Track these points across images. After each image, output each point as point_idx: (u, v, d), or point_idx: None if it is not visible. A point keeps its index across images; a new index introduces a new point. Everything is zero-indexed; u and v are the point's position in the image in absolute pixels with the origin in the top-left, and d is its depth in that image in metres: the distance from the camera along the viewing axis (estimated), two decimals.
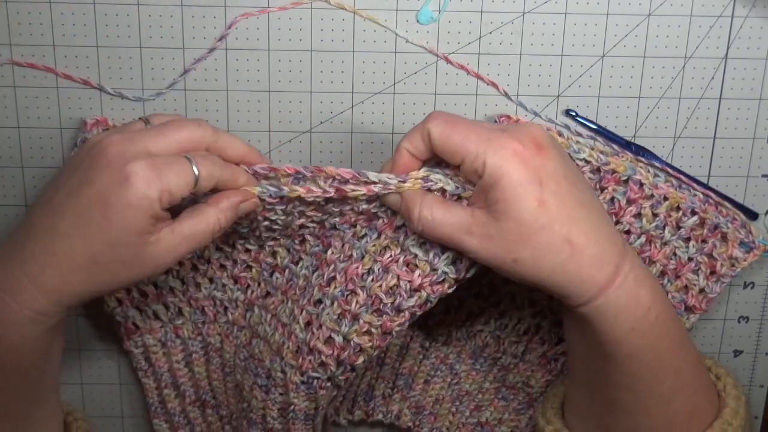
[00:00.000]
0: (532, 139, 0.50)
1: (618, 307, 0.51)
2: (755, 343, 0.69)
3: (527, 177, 0.49)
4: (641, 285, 0.52)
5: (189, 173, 0.50)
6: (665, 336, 0.53)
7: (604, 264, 0.51)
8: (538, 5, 0.60)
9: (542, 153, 0.50)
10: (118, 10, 0.59)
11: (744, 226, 0.62)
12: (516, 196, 0.49)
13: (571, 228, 0.50)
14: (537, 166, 0.50)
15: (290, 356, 0.58)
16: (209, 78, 0.61)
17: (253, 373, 0.61)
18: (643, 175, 0.61)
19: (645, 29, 0.61)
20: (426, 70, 0.62)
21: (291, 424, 0.60)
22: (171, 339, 0.64)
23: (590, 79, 0.62)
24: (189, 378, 0.66)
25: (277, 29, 0.60)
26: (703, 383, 0.57)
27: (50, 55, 0.60)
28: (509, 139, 0.50)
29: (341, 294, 0.56)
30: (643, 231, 0.61)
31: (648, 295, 0.52)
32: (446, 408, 0.69)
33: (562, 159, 0.52)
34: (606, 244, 0.51)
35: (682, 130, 0.63)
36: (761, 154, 0.64)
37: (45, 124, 0.62)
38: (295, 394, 0.58)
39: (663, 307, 0.53)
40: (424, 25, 0.61)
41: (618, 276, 0.51)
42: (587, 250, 0.51)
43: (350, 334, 0.56)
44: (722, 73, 0.62)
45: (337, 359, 0.57)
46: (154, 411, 0.67)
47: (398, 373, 0.68)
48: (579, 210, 0.51)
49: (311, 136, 0.63)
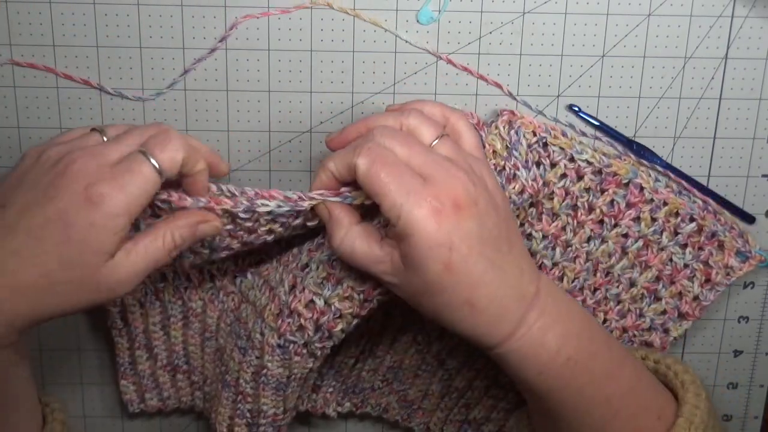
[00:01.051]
0: (453, 198, 0.49)
1: (520, 355, 0.52)
2: (755, 343, 0.69)
3: (437, 240, 0.49)
4: (549, 331, 0.52)
5: (149, 171, 0.49)
6: (583, 374, 0.53)
7: (503, 322, 0.52)
8: (538, 5, 0.60)
9: (459, 213, 0.49)
10: (118, 10, 0.59)
11: (741, 235, 0.62)
12: (424, 257, 0.49)
13: (472, 292, 0.50)
14: (450, 228, 0.49)
15: (271, 318, 0.58)
16: (209, 78, 0.61)
17: (236, 335, 0.61)
18: (644, 179, 0.61)
19: (645, 29, 0.61)
20: (426, 71, 0.62)
21: (261, 389, 0.60)
22: (150, 300, 0.64)
23: (590, 79, 0.62)
24: (163, 341, 0.65)
25: (277, 29, 0.60)
26: (646, 402, 0.56)
27: (50, 55, 0.60)
28: (428, 196, 0.49)
29: (327, 258, 0.57)
30: (640, 235, 0.62)
31: (556, 340, 0.52)
32: (435, 403, 0.70)
33: (481, 218, 0.50)
34: (510, 302, 0.51)
35: (682, 130, 0.63)
36: (761, 154, 0.64)
37: (45, 124, 0.62)
38: (270, 357, 0.59)
39: (578, 346, 0.53)
40: (424, 25, 0.61)
41: (519, 329, 0.52)
42: (487, 312, 0.51)
43: (332, 298, 0.56)
44: (722, 73, 0.62)
45: (316, 323, 0.57)
46: (123, 372, 0.66)
47: (388, 366, 0.68)
48: (487, 272, 0.50)
49: (311, 136, 0.63)
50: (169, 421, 0.71)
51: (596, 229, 0.62)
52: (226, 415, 0.63)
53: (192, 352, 0.66)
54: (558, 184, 0.61)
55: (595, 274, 0.63)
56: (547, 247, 0.62)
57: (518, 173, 0.58)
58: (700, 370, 0.70)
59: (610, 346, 0.56)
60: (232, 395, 0.62)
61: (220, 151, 0.63)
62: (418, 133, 0.53)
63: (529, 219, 0.62)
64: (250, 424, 0.62)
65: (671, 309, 0.63)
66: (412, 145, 0.51)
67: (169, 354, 0.66)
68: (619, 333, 0.64)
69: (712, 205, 0.63)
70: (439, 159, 0.51)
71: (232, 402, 0.62)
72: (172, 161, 0.50)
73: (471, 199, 0.50)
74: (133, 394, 0.67)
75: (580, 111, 0.63)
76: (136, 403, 0.67)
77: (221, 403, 0.63)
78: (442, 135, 0.53)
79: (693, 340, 0.69)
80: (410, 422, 0.71)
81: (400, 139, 0.52)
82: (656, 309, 0.63)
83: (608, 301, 0.64)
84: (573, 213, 0.62)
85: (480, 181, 0.52)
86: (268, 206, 0.54)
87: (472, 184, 0.51)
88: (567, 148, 0.61)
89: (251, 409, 0.62)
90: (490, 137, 0.59)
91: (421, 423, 0.71)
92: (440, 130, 0.54)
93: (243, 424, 0.62)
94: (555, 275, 0.63)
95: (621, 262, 0.63)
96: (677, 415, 0.54)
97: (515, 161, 0.59)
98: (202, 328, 0.65)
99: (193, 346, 0.66)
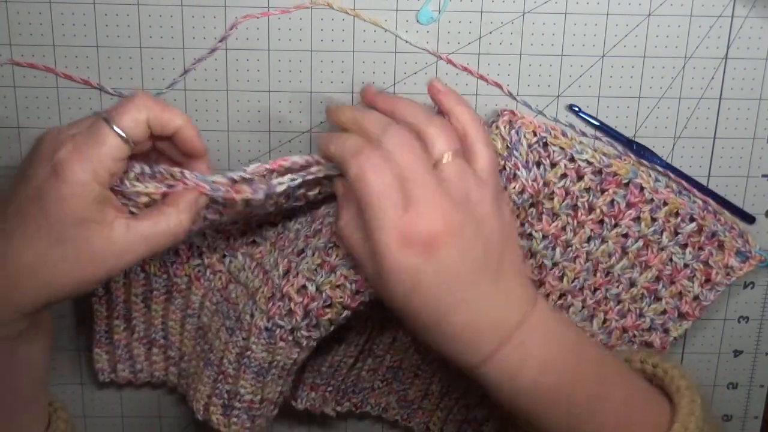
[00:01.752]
0: (428, 231, 0.49)
1: (499, 379, 0.52)
2: (755, 343, 0.69)
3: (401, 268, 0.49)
4: (529, 359, 0.52)
5: (110, 137, 0.48)
6: (566, 397, 0.53)
7: (478, 347, 0.51)
8: (538, 5, 0.60)
9: (432, 246, 0.49)
10: (118, 10, 0.59)
11: (741, 235, 0.62)
12: (389, 279, 0.50)
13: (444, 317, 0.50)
14: (418, 260, 0.49)
15: (263, 301, 0.59)
16: (209, 78, 0.61)
17: (224, 316, 0.62)
18: (645, 179, 0.61)
19: (645, 29, 0.61)
20: (426, 70, 0.62)
21: (242, 371, 0.60)
22: (135, 271, 0.63)
23: (590, 79, 0.62)
24: (143, 314, 0.65)
25: (277, 29, 0.60)
26: (639, 418, 0.55)
27: (50, 55, 0.60)
28: (403, 225, 0.49)
29: (324, 245, 0.57)
30: (641, 235, 0.62)
31: (537, 368, 0.52)
32: (435, 403, 0.70)
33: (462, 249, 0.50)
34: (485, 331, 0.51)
35: (682, 130, 0.63)
36: (761, 154, 0.64)
37: (45, 124, 0.62)
38: (255, 339, 0.59)
39: (562, 371, 0.53)
40: (424, 25, 0.61)
41: (496, 354, 0.51)
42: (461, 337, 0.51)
43: (324, 284, 0.57)
44: (722, 73, 0.62)
45: (305, 309, 0.57)
46: (98, 339, 0.66)
47: (388, 366, 0.68)
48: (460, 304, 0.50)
49: (311, 136, 0.63)
50: (169, 421, 0.71)
51: (596, 229, 0.62)
52: (204, 393, 0.63)
53: (171, 327, 0.65)
54: (558, 184, 0.61)
55: (595, 274, 0.63)
56: (547, 247, 0.62)
57: (518, 173, 0.59)
58: (700, 370, 0.70)
59: (601, 366, 0.55)
60: (213, 374, 0.62)
61: (220, 151, 0.63)
62: (431, 143, 0.52)
63: (529, 219, 0.62)
64: (226, 406, 0.62)
65: (671, 309, 0.63)
66: (412, 160, 0.51)
67: (147, 327, 0.66)
68: (619, 333, 0.64)
69: (712, 205, 0.63)
70: (431, 184, 0.50)
71: (213, 381, 0.62)
72: (135, 121, 0.49)
73: (452, 231, 0.49)
74: (105, 363, 0.67)
75: (580, 111, 0.63)
76: (107, 372, 0.67)
77: (201, 381, 0.63)
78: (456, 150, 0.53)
79: (693, 340, 0.69)
80: (410, 422, 0.71)
81: (406, 149, 0.51)
82: (656, 309, 0.63)
83: (608, 301, 0.64)
84: (573, 213, 0.62)
85: (473, 210, 0.51)
86: (284, 185, 0.54)
87: (459, 215, 0.50)
88: (567, 148, 0.61)
89: (230, 390, 0.62)
90: (490, 137, 0.59)
91: (420, 423, 0.71)
92: (455, 146, 0.53)
93: (219, 405, 0.62)
94: (555, 275, 0.63)
95: (621, 262, 0.63)
96: (673, 421, 0.54)
97: (515, 161, 0.59)
98: (184, 305, 0.65)
99: (173, 321, 0.65)
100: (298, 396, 0.67)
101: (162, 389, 0.70)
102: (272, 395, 0.62)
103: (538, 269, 0.63)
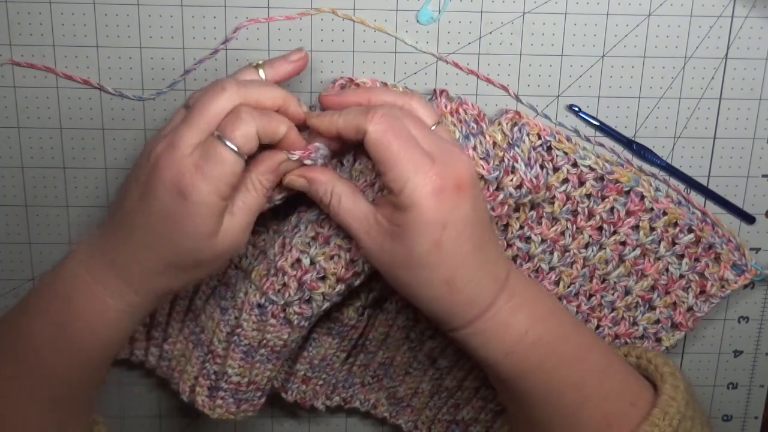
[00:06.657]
0: (456, 178, 0.51)
1: (486, 336, 0.54)
2: (755, 343, 0.69)
3: (434, 218, 0.50)
4: (518, 312, 0.54)
5: (227, 154, 0.50)
6: (552, 355, 0.54)
7: (476, 303, 0.53)
8: (538, 5, 0.60)
9: (460, 194, 0.51)
10: (118, 10, 0.59)
11: (738, 248, 0.63)
12: (417, 231, 0.51)
13: (455, 272, 0.52)
14: (449, 208, 0.51)
15: (258, 278, 0.59)
16: (209, 78, 0.61)
17: (220, 296, 0.62)
18: (646, 188, 0.62)
19: (645, 29, 0.61)
20: (426, 71, 0.62)
21: (232, 350, 0.60)
22: None
23: (590, 79, 0.62)
24: None
25: (278, 29, 0.60)
26: (618, 385, 0.56)
27: (50, 55, 0.60)
28: (433, 175, 0.50)
29: (316, 218, 0.58)
30: (638, 244, 0.62)
31: (524, 321, 0.54)
32: (424, 402, 0.70)
33: (475, 201, 0.53)
34: (485, 285, 0.53)
35: (682, 130, 0.64)
36: (761, 154, 0.64)
37: (45, 124, 0.62)
38: (247, 316, 0.59)
39: (546, 327, 0.55)
40: (424, 25, 0.61)
41: (489, 310, 0.53)
42: (463, 293, 0.53)
43: (318, 256, 0.57)
44: (722, 73, 0.62)
45: (299, 281, 0.57)
46: None
47: (380, 362, 0.68)
48: (471, 254, 0.52)
49: None
50: (169, 421, 0.71)
51: (595, 235, 0.62)
52: (192, 374, 0.63)
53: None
54: (559, 189, 0.61)
55: (591, 281, 0.63)
56: (545, 251, 0.62)
57: (516, 165, 0.58)
58: (700, 370, 0.70)
59: (579, 331, 0.57)
60: (202, 355, 0.62)
61: None
62: (420, 116, 0.55)
63: (529, 222, 0.62)
64: (212, 387, 0.62)
65: (665, 319, 0.64)
66: (421, 126, 0.53)
67: None
68: (611, 339, 0.64)
69: (711, 217, 0.63)
70: (445, 142, 0.54)
71: (201, 362, 0.62)
72: (247, 137, 0.51)
73: (471, 182, 0.52)
74: None
75: (580, 111, 0.63)
76: None
77: (190, 362, 0.63)
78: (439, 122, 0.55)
79: (693, 340, 0.69)
80: (398, 419, 0.71)
81: (410, 117, 0.53)
82: (650, 318, 0.64)
83: (602, 308, 0.64)
84: (573, 218, 0.62)
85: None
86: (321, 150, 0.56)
87: (472, 165, 0.54)
88: (570, 152, 0.61)
89: (217, 371, 0.62)
90: (491, 129, 0.59)
91: (409, 421, 0.71)
92: (438, 117, 0.56)
93: (206, 386, 0.62)
94: (551, 280, 0.63)
95: (617, 269, 0.63)
96: (654, 405, 0.55)
97: (514, 153, 0.59)
98: None
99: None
100: (289, 388, 0.67)
101: (162, 390, 0.70)
102: (259, 378, 0.62)
103: (534, 273, 0.63)
